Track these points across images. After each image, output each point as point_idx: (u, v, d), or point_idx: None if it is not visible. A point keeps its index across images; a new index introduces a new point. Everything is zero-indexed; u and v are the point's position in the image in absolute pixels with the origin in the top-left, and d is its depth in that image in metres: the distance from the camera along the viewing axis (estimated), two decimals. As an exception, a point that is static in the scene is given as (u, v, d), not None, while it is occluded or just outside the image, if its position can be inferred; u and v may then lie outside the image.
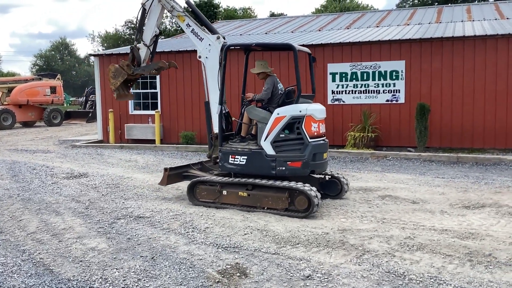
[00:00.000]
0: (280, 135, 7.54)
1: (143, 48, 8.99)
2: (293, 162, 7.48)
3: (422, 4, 45.73)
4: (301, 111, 7.52)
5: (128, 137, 17.28)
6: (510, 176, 10.42)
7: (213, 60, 8.40)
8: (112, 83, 9.15)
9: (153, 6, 8.82)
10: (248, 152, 7.75)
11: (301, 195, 7.25)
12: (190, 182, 8.13)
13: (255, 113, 8.00)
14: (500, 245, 5.80)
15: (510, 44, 13.42)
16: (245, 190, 7.65)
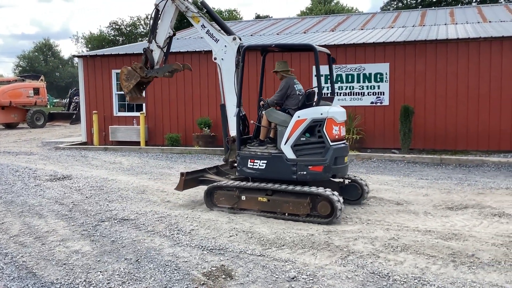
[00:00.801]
0: (301, 138, 7.32)
1: (156, 49, 8.74)
2: (314, 167, 7.25)
3: (406, 7, 46.18)
4: (322, 113, 7.29)
5: (113, 139, 17.15)
6: (493, 177, 10.56)
7: (229, 61, 8.19)
8: (124, 86, 8.89)
9: (166, 7, 8.61)
10: (268, 156, 7.54)
11: (323, 200, 7.00)
12: (208, 187, 7.88)
13: (275, 116, 7.76)
14: (483, 245, 5.87)
15: (492, 47, 13.61)
16: (264, 195, 7.39)
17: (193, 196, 8.97)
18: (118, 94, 17.41)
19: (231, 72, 8.18)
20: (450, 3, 46.72)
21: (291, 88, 7.90)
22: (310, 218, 7.09)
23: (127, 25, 59.06)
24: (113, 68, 17.33)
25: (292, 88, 7.90)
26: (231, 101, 8.21)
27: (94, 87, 17.56)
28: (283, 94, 7.89)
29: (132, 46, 21.08)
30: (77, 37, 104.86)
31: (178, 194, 9.16)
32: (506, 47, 13.51)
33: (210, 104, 16.20)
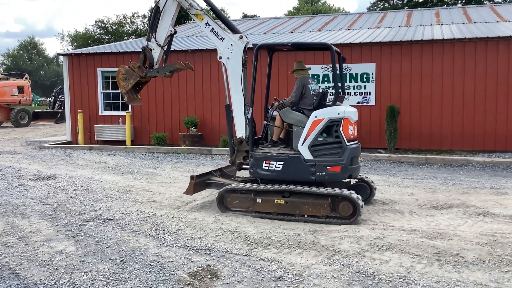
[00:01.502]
0: (318, 139, 7.25)
1: (156, 48, 8.38)
2: (333, 167, 7.19)
3: (392, 8, 46.47)
4: (339, 113, 7.26)
5: (98, 138, 17.01)
6: (477, 177, 10.66)
7: (235, 60, 7.93)
8: (122, 86, 8.53)
9: (168, 4, 8.27)
10: (285, 157, 7.40)
11: (344, 201, 6.95)
12: (221, 190, 7.62)
13: (291, 116, 7.64)
14: (467, 244, 5.92)
15: (477, 47, 13.74)
16: (281, 198, 7.23)
17: (179, 196, 8.92)
18: (104, 93, 17.28)
19: (237, 72, 7.93)
20: (436, 4, 47.12)
21: (305, 87, 7.83)
22: (331, 219, 7.02)
23: (113, 23, 58.62)
24: (98, 66, 17.19)
25: (307, 87, 7.83)
26: (237, 101, 7.97)
27: (79, 86, 17.40)
28: (299, 94, 7.82)
29: (118, 45, 20.93)
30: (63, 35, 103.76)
31: (164, 194, 9.12)
32: (491, 48, 13.65)
33: (197, 104, 16.15)
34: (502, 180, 10.17)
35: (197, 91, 16.10)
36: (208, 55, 15.86)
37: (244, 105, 7.94)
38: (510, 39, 13.52)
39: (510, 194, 8.82)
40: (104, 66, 17.19)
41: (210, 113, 16.07)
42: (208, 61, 15.80)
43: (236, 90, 7.97)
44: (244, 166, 8.08)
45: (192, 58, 15.69)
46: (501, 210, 7.56)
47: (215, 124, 15.99)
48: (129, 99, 8.62)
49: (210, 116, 16.07)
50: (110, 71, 17.16)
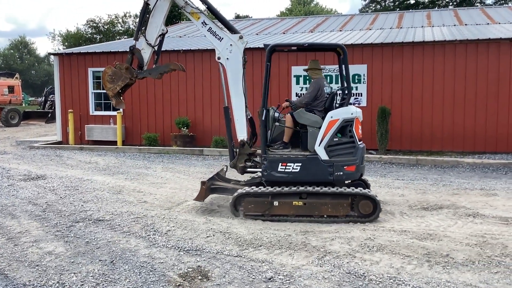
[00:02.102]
0: (334, 139, 7.30)
1: (146, 48, 8.01)
2: (349, 167, 7.28)
3: (384, 10, 46.66)
4: (353, 113, 7.36)
5: (89, 138, 16.93)
6: (467, 178, 10.72)
7: (235, 61, 7.72)
8: (109, 88, 8.02)
9: (159, 2, 7.90)
10: (303, 159, 7.34)
11: (365, 199, 7.08)
12: (235, 195, 7.40)
13: (306, 117, 7.59)
14: (457, 245, 5.94)
15: (468, 49, 13.83)
16: (299, 199, 7.19)
17: (170, 197, 8.90)
18: (95, 93, 17.20)
19: (237, 73, 7.73)
20: (427, 6, 47.39)
21: (321, 89, 7.83)
22: (351, 218, 7.11)
23: (104, 23, 58.36)
24: (89, 66, 17.11)
25: (322, 89, 7.84)
26: (237, 103, 7.78)
27: (70, 86, 17.31)
28: (314, 95, 7.79)
29: (110, 44, 20.84)
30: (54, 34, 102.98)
31: (155, 195, 9.09)
32: (481, 50, 13.75)
33: (189, 104, 16.12)
34: (492, 182, 10.24)
35: (189, 91, 16.08)
36: (200, 56, 15.85)
37: (245, 107, 7.81)
38: (501, 41, 13.62)
39: (500, 195, 8.88)
40: (95, 66, 17.11)
41: (202, 114, 16.05)
42: (200, 61, 15.79)
43: (236, 92, 7.78)
44: (248, 169, 7.94)
45: (184, 59, 15.66)
46: (490, 211, 7.61)
47: (206, 124, 15.97)
48: (117, 102, 8.20)
49: (202, 116, 16.05)
50: (101, 71, 17.02)
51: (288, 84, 14.84)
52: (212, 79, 15.73)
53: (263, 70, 14.46)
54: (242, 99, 7.77)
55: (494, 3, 46.16)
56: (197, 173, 11.52)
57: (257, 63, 14.71)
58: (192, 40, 18.94)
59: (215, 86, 15.78)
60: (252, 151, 7.92)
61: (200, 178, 10.72)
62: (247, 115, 7.83)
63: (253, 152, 7.95)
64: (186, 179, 10.76)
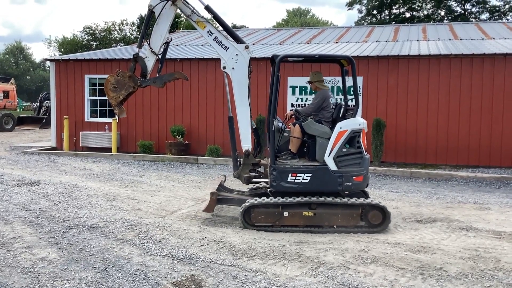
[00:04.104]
0: (343, 149, 7.34)
1: (150, 56, 7.84)
2: (357, 177, 7.33)
3: (380, 23, 47.02)
4: (360, 124, 7.45)
5: (83, 145, 16.88)
6: (461, 191, 10.77)
7: (241, 71, 7.66)
8: (112, 97, 7.84)
9: (165, 10, 7.75)
10: (313, 169, 7.34)
11: (374, 209, 7.17)
12: (244, 206, 7.29)
13: (315, 128, 7.63)
14: (450, 259, 5.96)
15: (463, 63, 13.96)
16: (309, 210, 7.21)
17: (164, 205, 8.88)
18: (90, 99, 17.19)
19: (243, 83, 7.65)
20: (423, 20, 47.84)
21: (326, 101, 7.90)
22: (361, 229, 7.17)
23: (101, 30, 58.51)
24: (86, 73, 17.11)
25: (328, 101, 7.91)
26: (243, 113, 7.67)
27: (65, 92, 17.29)
28: (319, 106, 7.87)
29: (106, 52, 20.87)
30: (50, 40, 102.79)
31: (149, 202, 9.07)
32: (476, 64, 13.88)
33: (184, 112, 16.14)
34: (485, 195, 10.29)
35: (184, 99, 16.10)
36: (197, 65, 15.90)
37: (250, 117, 7.78)
38: (495, 56, 13.76)
39: (493, 209, 8.92)
40: (92, 73, 17.12)
41: (197, 122, 16.07)
42: (197, 70, 15.84)
43: (242, 102, 7.70)
44: (254, 179, 7.91)
45: (181, 67, 15.70)
46: (484, 225, 7.64)
47: (202, 133, 15.99)
48: (120, 111, 8.01)
49: (197, 125, 16.06)
50: (97, 78, 17.11)
51: (283, 94, 14.89)
52: (208, 88, 15.77)
53: (260, 80, 14.64)
54: (248, 109, 7.72)
55: (488, 19, 46.65)
56: (191, 181, 11.51)
57: (254, 73, 14.73)
58: (189, 49, 19.00)
59: (211, 95, 15.82)
60: (256, 161, 7.92)
61: (195, 187, 10.74)
62: (251, 125, 7.81)
63: (258, 162, 7.94)
64: (181, 187, 10.75)
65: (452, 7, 49.53)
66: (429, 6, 51.26)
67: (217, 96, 15.78)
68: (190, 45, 20.24)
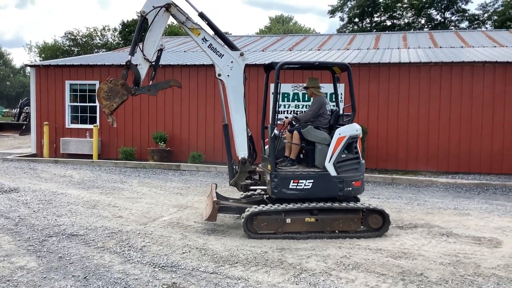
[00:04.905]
0: (342, 155, 7.46)
1: (143, 63, 7.67)
2: (356, 182, 7.46)
3: (361, 31, 47.49)
4: (357, 130, 7.59)
5: (64, 152, 16.69)
6: (441, 197, 10.88)
7: (236, 78, 7.65)
8: (105, 106, 7.62)
9: (158, 17, 7.60)
10: (314, 175, 7.40)
11: (374, 213, 7.31)
12: (247, 214, 7.19)
13: (315, 134, 7.71)
14: (431, 264, 6.02)
15: (442, 71, 14.16)
16: (310, 216, 7.24)
17: (146, 212, 8.82)
18: (71, 106, 17.01)
19: (238, 90, 7.65)
20: (403, 28, 48.46)
21: (323, 107, 7.98)
22: (361, 233, 7.29)
23: (83, 35, 58.06)
24: (66, 79, 16.95)
25: (325, 107, 8.00)
26: (238, 121, 7.68)
27: (46, 98, 17.09)
28: (316, 112, 7.95)
29: (88, 57, 20.71)
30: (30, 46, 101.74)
31: (130, 210, 8.99)
32: (456, 72, 14.08)
33: (167, 119, 16.07)
34: (465, 201, 10.42)
35: (167, 106, 16.04)
36: (179, 71, 15.86)
37: (246, 125, 7.77)
38: (474, 64, 13.98)
39: (473, 215, 9.03)
40: (73, 79, 16.96)
41: (180, 129, 16.01)
42: (179, 76, 15.78)
43: (237, 109, 7.70)
44: (251, 187, 7.90)
45: (163, 73, 15.63)
46: (463, 231, 7.73)
47: (184, 139, 15.93)
48: (113, 120, 7.79)
49: (180, 131, 16.01)
50: (78, 84, 16.96)
51: (267, 101, 14.87)
52: (191, 94, 15.74)
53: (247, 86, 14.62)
54: (243, 117, 7.71)
55: (468, 27, 47.44)
56: (173, 188, 11.45)
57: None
58: (172, 55, 18.95)
59: (193, 101, 15.79)
60: (252, 168, 7.92)
61: (177, 194, 10.69)
62: (247, 133, 7.80)
63: (254, 169, 7.95)
64: (163, 194, 10.68)
65: (432, 15, 50.28)
66: (409, 14, 51.97)
67: (200, 102, 15.76)
68: (173, 51, 20.18)
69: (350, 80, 7.80)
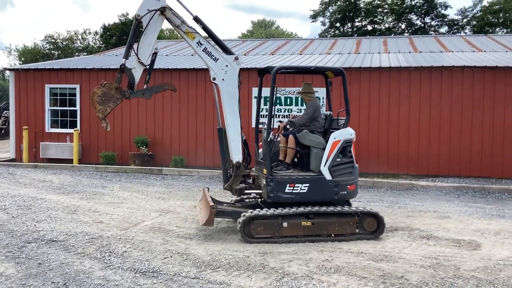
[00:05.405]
0: (337, 159, 7.54)
1: (138, 67, 7.63)
2: (351, 186, 7.58)
3: (342, 35, 47.88)
4: (351, 134, 7.69)
5: (44, 156, 16.47)
6: (421, 200, 11.00)
7: (231, 82, 7.69)
8: (99, 110, 7.48)
9: (153, 20, 7.55)
10: (310, 179, 7.46)
11: (369, 217, 7.42)
12: (243, 218, 7.15)
13: (310, 139, 7.76)
14: (411, 267, 6.07)
15: (422, 76, 14.33)
16: (306, 220, 7.27)
17: (127, 217, 8.74)
18: (51, 110, 16.81)
19: (233, 94, 7.70)
20: (384, 32, 48.96)
21: (318, 111, 8.06)
22: (355, 236, 7.40)
23: (63, 39, 57.46)
24: (46, 82, 16.74)
25: (319, 111, 8.08)
26: (233, 124, 7.70)
27: (25, 102, 16.86)
28: (311, 116, 8.01)
29: (68, 61, 20.49)
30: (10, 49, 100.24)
31: (111, 215, 8.90)
32: (435, 77, 14.27)
33: (148, 123, 15.97)
34: (445, 204, 10.54)
35: (148, 110, 15.95)
36: (161, 75, 15.78)
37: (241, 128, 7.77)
38: (453, 68, 14.18)
39: (452, 218, 9.14)
40: (53, 82, 16.76)
41: (162, 133, 15.93)
42: (161, 80, 15.69)
43: (232, 113, 7.72)
44: (246, 190, 7.90)
45: (144, 77, 15.50)
46: (443, 234, 7.82)
47: (166, 144, 15.85)
48: (107, 124, 7.64)
49: (162, 135, 15.92)
50: (58, 88, 16.76)
51: (248, 105, 14.92)
52: (173, 98, 15.67)
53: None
54: (238, 121, 7.74)
55: (447, 32, 48.13)
56: (155, 192, 11.37)
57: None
58: (153, 59, 18.82)
59: (175, 105, 15.73)
60: (247, 172, 7.92)
61: (159, 198, 10.62)
62: (242, 137, 7.80)
63: (248, 173, 7.95)
64: (144, 198, 10.61)
65: (412, 20, 50.86)
66: (390, 19, 52.51)
67: (182, 106, 15.71)
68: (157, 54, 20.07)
69: (344, 84, 7.94)
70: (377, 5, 51.58)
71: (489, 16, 45.85)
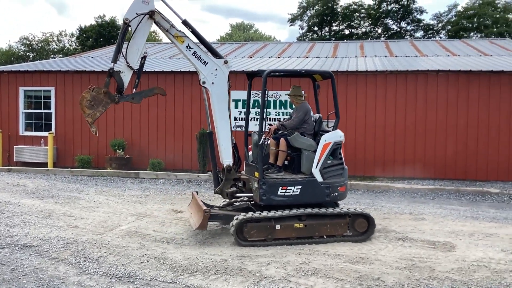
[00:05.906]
0: (327, 161, 7.62)
1: (127, 71, 7.52)
2: (341, 187, 7.68)
3: (320, 39, 48.23)
4: (341, 136, 7.84)
5: (17, 160, 16.17)
6: (397, 203, 11.12)
7: (220, 86, 7.68)
8: (88, 115, 7.46)
9: (141, 24, 7.48)
10: (302, 182, 7.51)
11: (360, 218, 7.50)
12: (237, 222, 7.11)
13: (301, 141, 7.81)
14: (387, 269, 6.13)
15: (398, 79, 14.52)
16: (299, 222, 7.29)
17: (103, 221, 8.64)
18: (25, 113, 16.53)
19: (223, 97, 7.69)
20: (361, 37, 49.52)
21: (308, 114, 8.12)
22: (347, 237, 7.48)
23: (38, 41, 56.60)
24: (20, 85, 16.46)
25: (309, 114, 8.13)
26: (223, 128, 7.69)
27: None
28: (301, 119, 8.06)
29: (43, 63, 20.20)
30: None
31: (86, 219, 8.78)
32: (410, 80, 14.47)
33: (125, 126, 15.82)
34: (420, 206, 10.68)
35: (125, 113, 15.80)
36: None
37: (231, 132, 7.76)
38: (428, 72, 14.40)
39: (428, 219, 9.26)
40: (27, 85, 16.49)
41: (139, 136, 15.79)
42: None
43: (222, 116, 7.70)
44: (237, 194, 7.93)
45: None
46: (419, 235, 7.92)
47: (143, 147, 15.72)
48: (96, 129, 7.63)
49: (139, 139, 15.79)
50: (33, 90, 16.49)
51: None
52: (150, 101, 15.54)
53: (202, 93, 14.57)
54: (228, 124, 7.73)
55: (423, 37, 48.89)
56: (132, 196, 11.26)
57: (197, 87, 14.75)
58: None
59: (153, 107, 15.61)
60: (237, 176, 7.92)
61: (135, 202, 10.51)
62: (232, 140, 7.79)
63: (238, 177, 7.95)
64: (121, 202, 10.49)
65: (388, 25, 51.56)
66: (367, 23, 53.14)
67: (159, 109, 15.61)
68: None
69: (333, 87, 8.05)
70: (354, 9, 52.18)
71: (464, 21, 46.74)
